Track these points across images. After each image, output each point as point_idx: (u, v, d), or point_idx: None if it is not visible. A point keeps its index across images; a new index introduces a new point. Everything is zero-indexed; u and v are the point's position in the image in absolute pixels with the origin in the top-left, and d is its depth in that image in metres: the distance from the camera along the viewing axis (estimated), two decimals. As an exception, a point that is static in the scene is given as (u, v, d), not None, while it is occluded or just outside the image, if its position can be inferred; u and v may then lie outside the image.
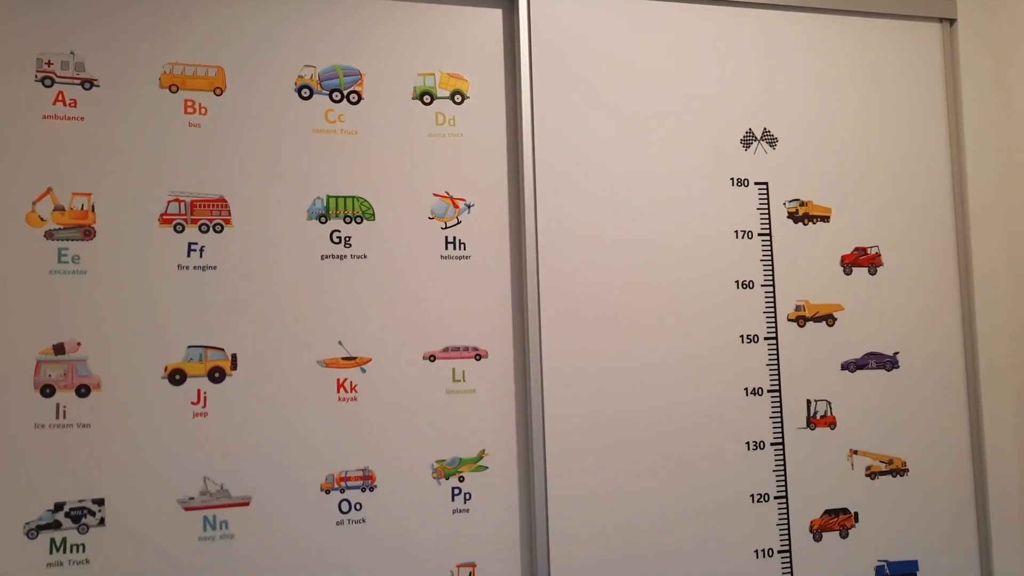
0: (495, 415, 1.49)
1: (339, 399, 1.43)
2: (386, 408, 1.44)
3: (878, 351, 1.62)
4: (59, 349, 1.31)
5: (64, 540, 1.30)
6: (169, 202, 1.38)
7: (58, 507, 1.30)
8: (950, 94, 1.70)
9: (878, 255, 1.64)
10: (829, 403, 1.59)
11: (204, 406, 1.37)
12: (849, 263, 1.62)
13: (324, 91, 1.46)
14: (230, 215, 1.40)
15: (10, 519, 1.28)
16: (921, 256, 1.66)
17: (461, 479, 1.47)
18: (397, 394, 1.45)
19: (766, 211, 1.59)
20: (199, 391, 1.37)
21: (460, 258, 1.50)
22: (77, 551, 1.30)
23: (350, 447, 1.42)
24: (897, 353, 1.63)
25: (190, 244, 1.38)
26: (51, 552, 1.29)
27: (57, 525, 1.29)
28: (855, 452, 1.59)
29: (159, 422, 1.35)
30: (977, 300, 1.65)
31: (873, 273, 1.63)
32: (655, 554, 1.49)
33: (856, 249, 1.63)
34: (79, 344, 1.32)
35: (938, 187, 1.68)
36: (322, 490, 1.41)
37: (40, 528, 1.29)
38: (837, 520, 1.57)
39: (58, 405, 1.31)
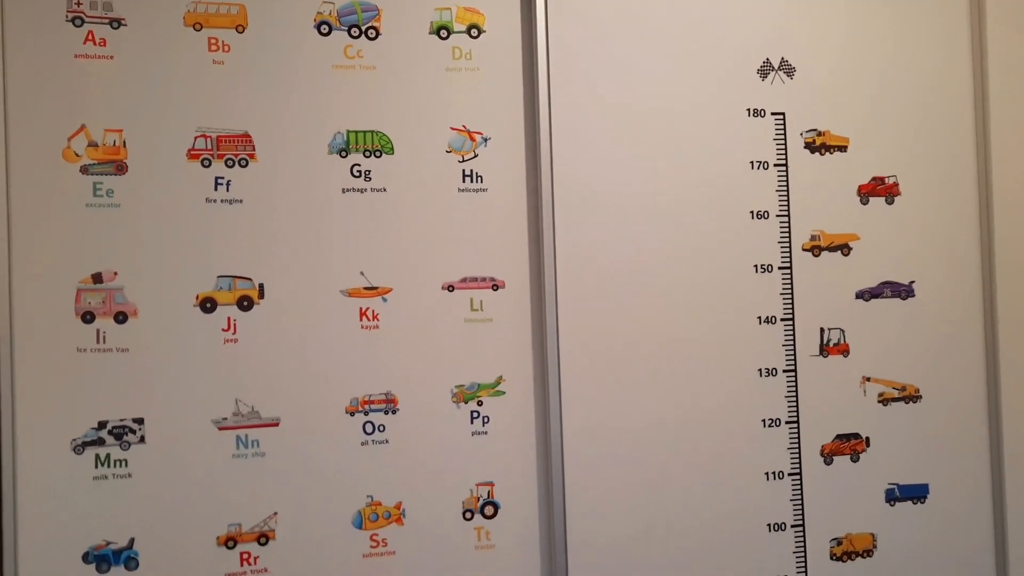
0: (512, 343, 1.54)
1: (362, 327, 1.49)
2: (407, 336, 1.50)
3: (894, 280, 1.63)
4: (97, 278, 1.39)
5: (108, 456, 1.39)
6: (196, 138, 1.43)
7: (101, 425, 1.39)
8: (974, 19, 1.67)
9: (896, 185, 1.63)
10: (843, 331, 1.61)
11: (234, 333, 1.44)
12: (866, 193, 1.62)
13: (343, 27, 1.49)
14: (254, 150, 1.45)
15: (58, 436, 1.37)
16: (940, 185, 1.65)
17: (479, 403, 1.53)
18: (417, 323, 1.51)
19: (782, 142, 1.60)
20: (229, 319, 1.44)
21: (477, 191, 1.53)
22: (120, 466, 1.39)
23: (373, 372, 1.49)
24: (913, 282, 1.63)
25: (217, 178, 1.44)
26: (96, 467, 1.38)
27: (101, 442, 1.39)
28: (868, 379, 1.61)
29: (192, 347, 1.42)
30: (996, 229, 1.64)
31: (890, 203, 1.63)
32: (667, 472, 1.54)
33: (873, 179, 1.63)
34: (115, 274, 1.40)
35: (960, 116, 1.66)
36: (347, 412, 1.48)
37: (85, 444, 1.38)
38: (848, 445, 1.60)
39: (98, 331, 1.39)
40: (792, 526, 1.58)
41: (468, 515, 1.52)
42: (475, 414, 1.53)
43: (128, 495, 1.39)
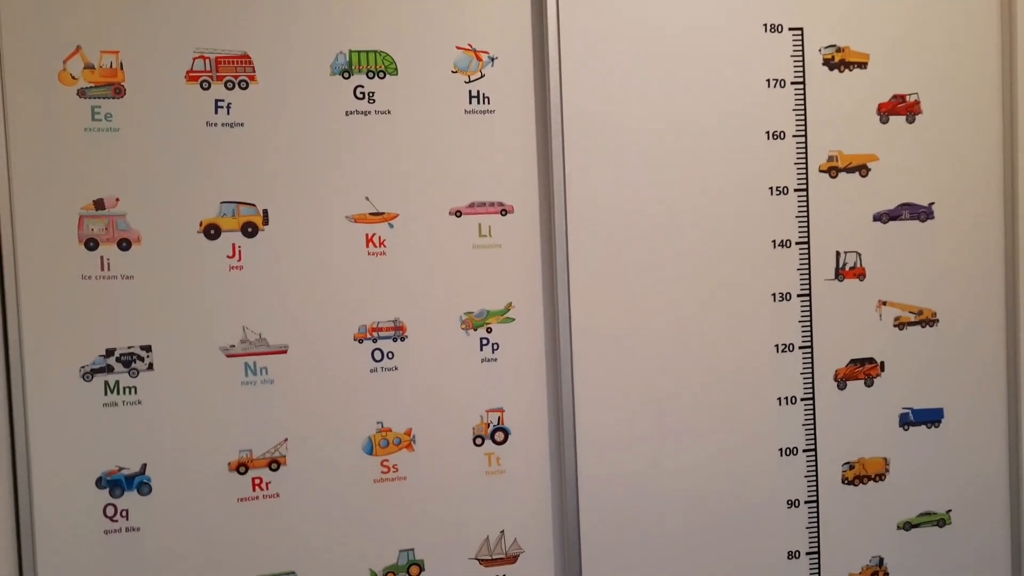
0: (521, 269, 1.52)
1: (368, 253, 1.47)
2: (414, 262, 1.48)
3: (913, 202, 1.58)
4: (99, 204, 1.37)
5: (117, 383, 1.39)
6: (194, 59, 1.39)
7: (109, 353, 1.38)
8: (1004, -72, 1.59)
9: (917, 103, 1.58)
10: (859, 255, 1.57)
11: (239, 260, 1.43)
12: (886, 112, 1.57)
13: (342, -58, 1.44)
14: (254, 71, 1.41)
15: (66, 364, 1.37)
16: (963, 104, 1.59)
17: (489, 330, 1.51)
18: (424, 249, 1.48)
19: (800, 58, 1.54)
20: (234, 245, 1.42)
21: (484, 112, 1.49)
22: (130, 393, 1.39)
23: (380, 299, 1.47)
24: (933, 204, 1.59)
25: (217, 101, 1.40)
26: (106, 394, 1.38)
27: (109, 369, 1.38)
28: (884, 303, 1.58)
29: (197, 274, 1.41)
30: (1020, 149, 1.59)
31: (911, 122, 1.58)
32: (678, 396, 1.53)
33: (894, 97, 1.57)
34: (117, 200, 1.38)
35: (986, 31, 1.59)
36: (355, 340, 1.47)
37: (94, 372, 1.38)
38: (862, 369, 1.58)
39: (102, 258, 1.37)
40: (804, 451, 1.57)
41: (478, 441, 1.52)
42: (484, 341, 1.51)
43: (138, 422, 1.39)
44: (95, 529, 1.38)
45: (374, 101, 1.45)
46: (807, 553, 1.58)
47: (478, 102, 1.49)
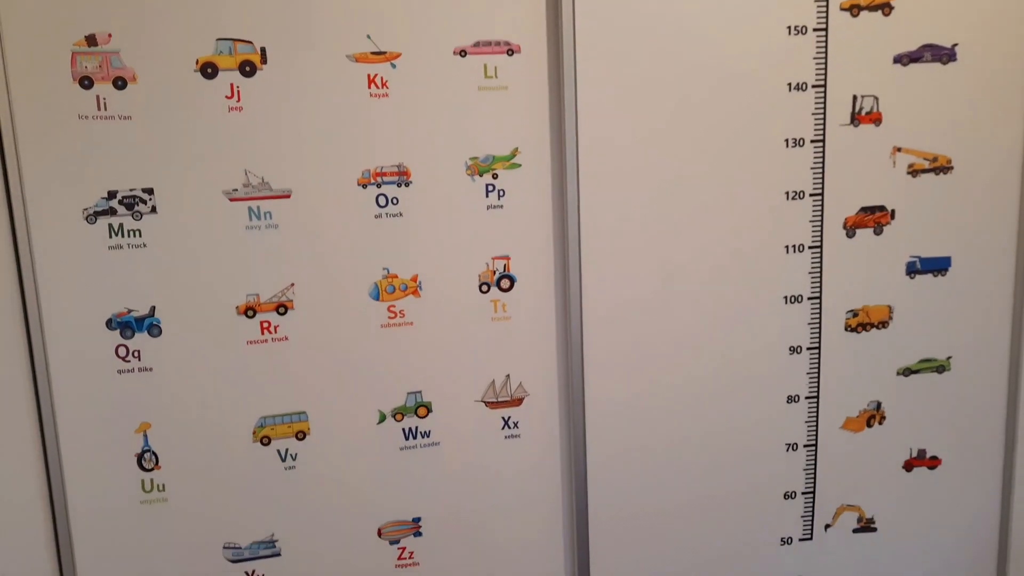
0: (528, 113, 1.48)
1: (371, 95, 1.42)
2: (417, 104, 1.44)
3: (935, 43, 1.52)
4: (91, 40, 1.32)
5: (121, 226, 1.38)
6: None
7: (111, 195, 1.37)
8: None
9: (947, -65, 1.49)
10: (876, 99, 1.52)
11: (238, 101, 1.39)
12: (914, -55, 1.48)
13: None
14: None
15: (69, 206, 1.35)
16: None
17: (495, 176, 1.49)
18: (428, 90, 1.44)
19: None
20: (232, 85, 1.38)
21: (489, -56, 1.42)
22: (134, 236, 1.39)
23: (384, 143, 1.44)
24: (956, 45, 1.53)
25: (207, -71, 1.33)
26: (110, 236, 1.38)
27: (112, 212, 1.37)
28: (899, 149, 1.55)
29: (196, 115, 1.37)
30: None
31: (939, -43, 1.50)
32: (681, 241, 1.52)
33: (923, -71, 1.48)
34: (110, 36, 1.32)
35: None
36: (359, 185, 1.45)
37: (97, 214, 1.37)
38: (872, 217, 1.56)
39: (98, 96, 1.34)
40: (809, 298, 1.58)
41: (484, 288, 1.52)
42: (490, 187, 1.49)
43: (145, 265, 1.39)
44: (109, 369, 1.41)
45: (374, -70, 1.37)
46: (806, 397, 1.61)
47: (482, -68, 1.41)
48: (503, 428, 1.57)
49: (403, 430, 1.54)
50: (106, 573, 1.45)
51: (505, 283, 1.53)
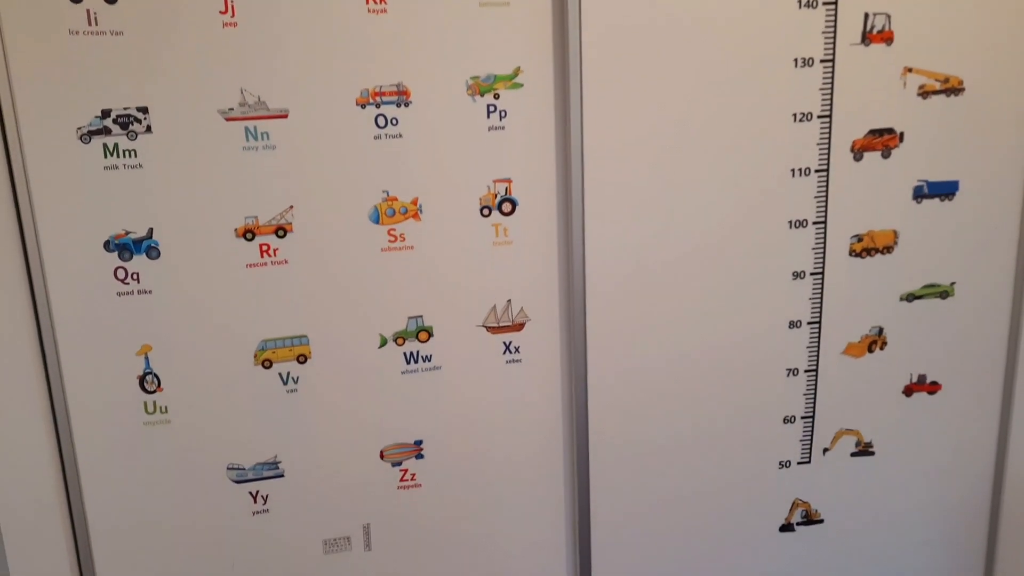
0: (530, 30, 1.44)
1: (368, 11, 1.38)
2: (416, 20, 1.40)
3: (952, -42, 1.47)
4: (78, -49, 1.28)
5: (116, 146, 1.35)
6: None
7: (105, 114, 1.34)
8: None
9: None
10: (888, 16, 1.48)
11: (232, 16, 1.35)
12: None
13: None
14: None
15: (62, 125, 1.33)
16: None
17: (496, 96, 1.46)
18: (427, 6, 1.40)
19: None
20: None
21: None
22: (130, 156, 1.36)
23: (382, 62, 1.41)
24: (973, -40, 1.48)
25: None
26: (105, 156, 1.35)
27: (107, 131, 1.34)
28: (909, 70, 1.51)
29: (189, 30, 1.33)
30: None
31: None
32: (684, 164, 1.50)
33: None
34: (97, -54, 1.28)
35: None
36: (357, 104, 1.42)
37: (91, 133, 1.34)
38: (881, 140, 1.54)
39: (88, 11, 1.30)
40: (814, 223, 1.56)
41: (485, 212, 1.50)
42: (491, 108, 1.46)
43: (141, 185, 1.37)
44: (108, 291, 1.40)
45: None
46: (808, 323, 1.61)
47: None
48: (504, 353, 1.57)
49: (404, 354, 1.54)
50: (111, 494, 1.47)
51: (507, 207, 1.51)
